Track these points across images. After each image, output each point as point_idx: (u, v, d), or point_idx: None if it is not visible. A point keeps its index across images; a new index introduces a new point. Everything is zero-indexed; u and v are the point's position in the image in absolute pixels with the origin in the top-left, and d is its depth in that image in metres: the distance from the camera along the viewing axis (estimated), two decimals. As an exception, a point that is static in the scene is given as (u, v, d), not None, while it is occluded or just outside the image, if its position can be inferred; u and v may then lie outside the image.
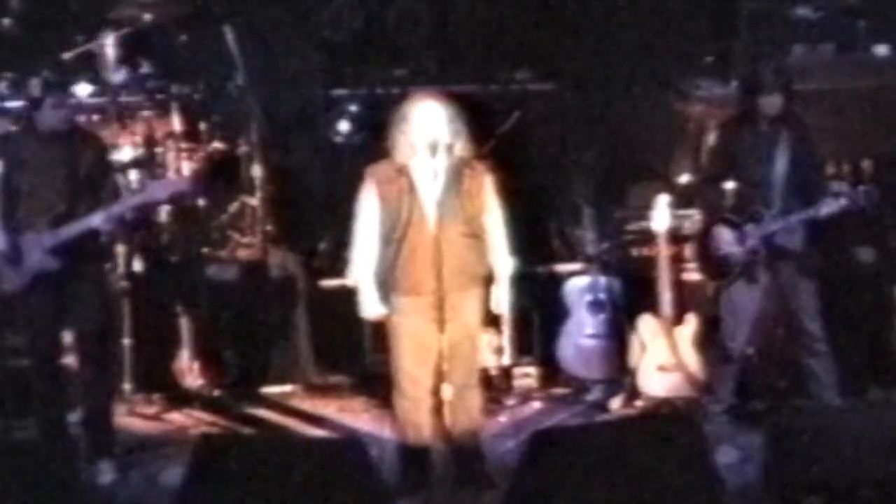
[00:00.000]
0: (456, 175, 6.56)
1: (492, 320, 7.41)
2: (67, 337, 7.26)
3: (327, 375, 8.58)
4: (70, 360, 7.43)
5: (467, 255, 6.57)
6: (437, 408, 6.56)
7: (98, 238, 7.08)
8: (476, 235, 6.61)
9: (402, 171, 6.58)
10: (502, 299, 6.75)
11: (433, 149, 6.47)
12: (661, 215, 7.82)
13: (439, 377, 6.49)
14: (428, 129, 6.49)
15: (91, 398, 7.14)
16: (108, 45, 9.03)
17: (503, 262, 6.71)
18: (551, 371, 8.34)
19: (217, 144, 9.07)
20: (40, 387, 7.10)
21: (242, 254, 8.86)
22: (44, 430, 7.08)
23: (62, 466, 5.69)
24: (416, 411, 6.65)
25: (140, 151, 8.69)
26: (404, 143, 6.56)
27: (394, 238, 6.56)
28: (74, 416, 7.28)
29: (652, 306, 7.80)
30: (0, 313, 7.60)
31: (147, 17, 9.20)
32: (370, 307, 6.72)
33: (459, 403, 6.55)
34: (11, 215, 6.93)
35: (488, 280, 6.69)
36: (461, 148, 6.58)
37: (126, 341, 7.96)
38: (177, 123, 8.89)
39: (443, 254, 6.37)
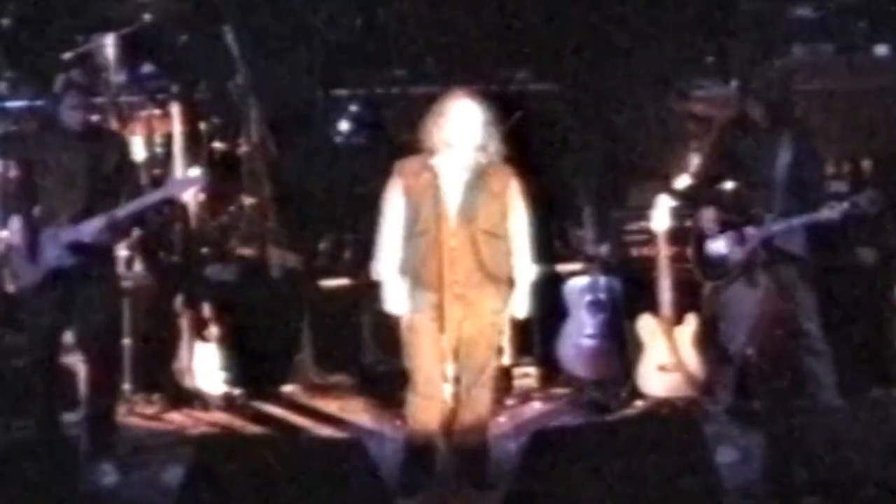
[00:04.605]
0: (482, 175, 6.53)
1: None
2: (68, 337, 7.26)
3: (327, 375, 8.57)
4: (70, 360, 7.43)
5: (486, 253, 6.52)
6: (448, 405, 6.56)
7: (113, 236, 7.06)
8: (496, 235, 6.55)
9: (429, 167, 6.56)
10: (521, 305, 6.68)
11: (464, 146, 6.48)
12: (661, 215, 7.82)
13: (452, 374, 6.50)
14: (462, 126, 6.49)
15: (95, 399, 7.13)
16: (109, 45, 9.03)
17: (525, 268, 6.64)
18: (551, 371, 8.33)
19: (217, 144, 9.07)
20: (38, 386, 7.09)
21: (242, 254, 8.86)
22: (41, 430, 7.07)
23: (63, 467, 5.69)
24: (427, 408, 6.62)
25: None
26: (437, 137, 6.54)
27: (415, 232, 6.54)
28: (75, 416, 7.28)
29: (652, 306, 7.79)
30: (1, 312, 7.60)
31: (147, 17, 9.21)
32: (394, 303, 6.64)
33: (468, 402, 6.57)
34: (31, 212, 6.92)
35: (508, 282, 6.63)
36: (493, 150, 6.57)
37: (126, 341, 7.96)
38: (177, 123, 8.89)
39: (461, 251, 6.40)
